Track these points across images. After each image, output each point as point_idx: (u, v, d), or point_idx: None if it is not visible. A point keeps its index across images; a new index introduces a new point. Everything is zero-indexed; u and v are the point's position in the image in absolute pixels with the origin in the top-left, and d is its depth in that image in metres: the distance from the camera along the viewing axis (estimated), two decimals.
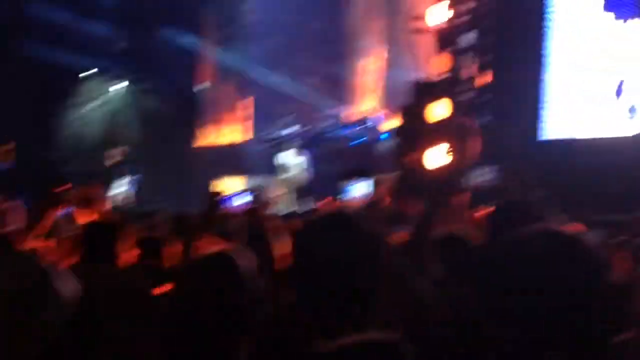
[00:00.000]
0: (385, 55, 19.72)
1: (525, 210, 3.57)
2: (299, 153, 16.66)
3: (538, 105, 12.04)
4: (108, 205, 4.79)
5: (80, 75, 19.13)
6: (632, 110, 11.37)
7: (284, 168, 16.31)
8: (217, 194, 4.04)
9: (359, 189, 15.41)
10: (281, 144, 18.03)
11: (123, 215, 6.93)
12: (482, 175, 10.77)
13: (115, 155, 17.68)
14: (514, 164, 10.76)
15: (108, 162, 17.69)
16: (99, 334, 3.18)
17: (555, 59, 12.03)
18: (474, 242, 3.82)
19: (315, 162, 17.57)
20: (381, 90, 19.72)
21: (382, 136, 17.14)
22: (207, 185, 15.40)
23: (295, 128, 18.21)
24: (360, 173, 15.95)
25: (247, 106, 21.05)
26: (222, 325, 2.79)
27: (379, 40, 19.93)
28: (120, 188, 17.29)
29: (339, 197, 13.64)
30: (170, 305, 3.08)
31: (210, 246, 4.22)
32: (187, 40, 19.82)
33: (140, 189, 17.37)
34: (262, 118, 20.00)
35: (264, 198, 11.65)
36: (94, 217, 4.65)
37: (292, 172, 16.24)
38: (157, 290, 3.93)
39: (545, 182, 10.40)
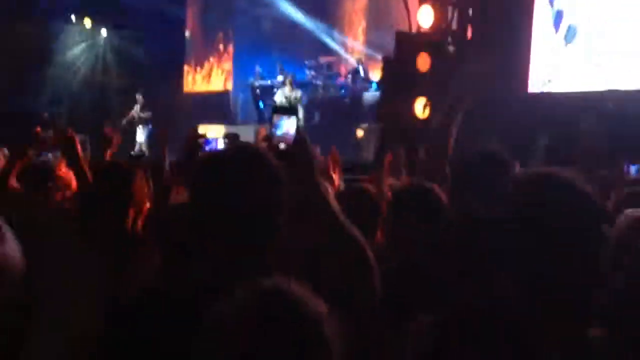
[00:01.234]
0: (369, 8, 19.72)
1: (499, 161, 3.56)
2: (294, 89, 16.65)
3: (520, 60, 12.08)
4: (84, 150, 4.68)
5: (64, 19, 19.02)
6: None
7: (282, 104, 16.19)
8: (199, 136, 3.89)
9: (288, 125, 15.43)
10: (267, 91, 18.09)
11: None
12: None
13: (134, 104, 17.88)
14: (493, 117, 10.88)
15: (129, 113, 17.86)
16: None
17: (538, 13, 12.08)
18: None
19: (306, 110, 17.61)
20: (366, 42, 19.72)
21: (371, 86, 17.18)
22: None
23: (281, 76, 18.22)
24: (289, 110, 15.98)
25: (230, 54, 21.01)
26: None
27: None
28: (138, 136, 17.41)
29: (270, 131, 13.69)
30: None
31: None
32: None
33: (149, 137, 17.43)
34: (248, 66, 19.98)
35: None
36: (75, 162, 4.61)
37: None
38: None
39: (528, 135, 10.58)
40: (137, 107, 17.94)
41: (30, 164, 4.81)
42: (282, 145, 2.73)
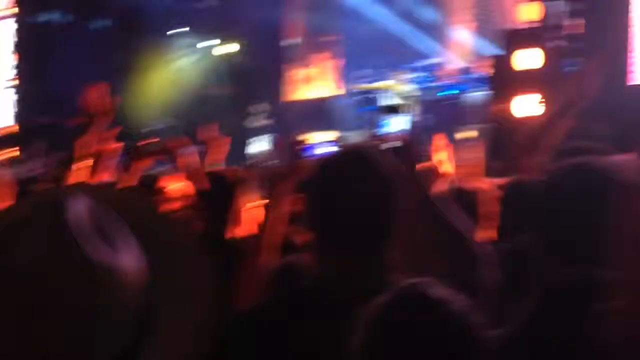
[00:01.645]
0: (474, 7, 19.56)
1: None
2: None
3: (627, 52, 11.76)
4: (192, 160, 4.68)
5: (169, 32, 19.34)
6: None
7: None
8: (300, 142, 3.93)
9: (395, 125, 15.48)
10: (372, 95, 18.09)
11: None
12: None
13: (257, 112, 18.20)
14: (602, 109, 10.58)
15: (250, 120, 18.20)
16: None
17: None
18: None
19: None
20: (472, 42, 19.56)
21: (478, 86, 17.02)
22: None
23: (386, 80, 18.19)
24: (396, 109, 15.99)
25: (337, 60, 21.03)
26: None
27: None
28: (259, 145, 17.65)
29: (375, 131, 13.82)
30: None
31: None
32: None
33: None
34: (353, 72, 19.98)
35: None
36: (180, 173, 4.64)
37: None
38: None
39: (633, 128, 10.26)
40: (255, 117, 18.20)
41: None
42: (387, 145, 2.75)
